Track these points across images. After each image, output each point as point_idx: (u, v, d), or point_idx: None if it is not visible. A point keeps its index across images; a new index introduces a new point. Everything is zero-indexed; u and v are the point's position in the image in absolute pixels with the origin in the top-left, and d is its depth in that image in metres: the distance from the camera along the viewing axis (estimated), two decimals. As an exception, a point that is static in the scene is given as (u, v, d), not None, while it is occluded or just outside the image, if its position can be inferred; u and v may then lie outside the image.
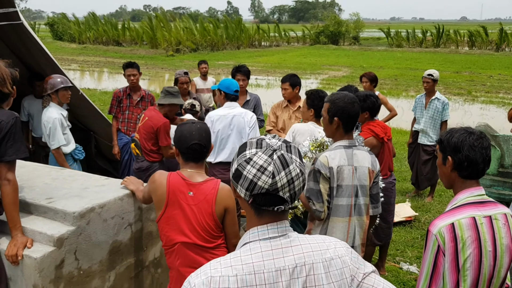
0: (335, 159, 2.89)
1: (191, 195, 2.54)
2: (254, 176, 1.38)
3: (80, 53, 33.39)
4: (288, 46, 41.25)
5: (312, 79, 22.16)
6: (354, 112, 2.95)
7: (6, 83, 2.82)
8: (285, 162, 1.41)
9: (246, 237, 1.46)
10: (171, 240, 2.58)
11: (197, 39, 35.32)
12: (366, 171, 2.96)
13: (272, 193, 1.39)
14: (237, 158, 1.45)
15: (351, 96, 2.97)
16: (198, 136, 2.60)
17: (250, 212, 1.46)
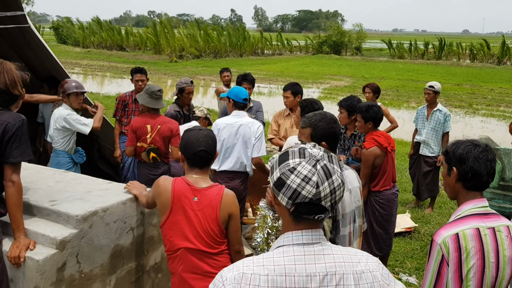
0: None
1: (196, 200, 2.56)
2: (298, 186, 1.42)
3: (84, 57, 33.52)
4: (291, 55, 41.40)
5: (314, 88, 22.22)
6: (338, 130, 2.69)
7: (17, 85, 2.86)
8: (328, 172, 1.45)
9: (281, 241, 1.49)
10: (175, 245, 2.60)
11: (200, 46, 35.45)
12: (358, 191, 2.74)
13: (314, 202, 1.43)
14: (279, 167, 1.47)
15: (329, 114, 2.71)
16: (204, 143, 2.63)
17: (287, 218, 1.50)
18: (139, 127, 4.81)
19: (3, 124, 2.77)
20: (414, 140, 6.95)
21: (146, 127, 4.79)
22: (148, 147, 4.83)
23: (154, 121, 4.77)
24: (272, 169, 1.52)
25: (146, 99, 4.84)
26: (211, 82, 23.58)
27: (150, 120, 4.79)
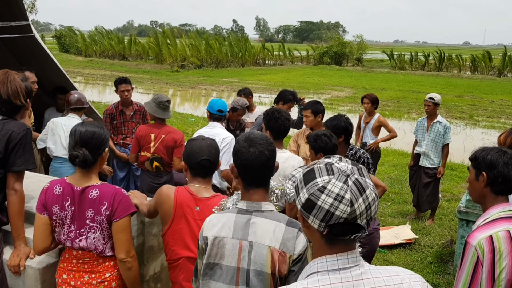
0: (215, 225, 2.04)
1: (198, 210, 2.57)
2: (331, 206, 1.31)
3: (86, 66, 33.68)
4: (292, 66, 41.55)
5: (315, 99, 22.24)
6: (250, 159, 2.03)
7: (19, 96, 2.89)
8: (361, 187, 1.33)
9: (314, 266, 1.38)
10: (176, 255, 2.60)
11: (202, 55, 35.61)
12: (265, 251, 1.93)
13: (350, 221, 1.32)
14: (307, 187, 1.36)
15: (252, 137, 2.10)
16: (207, 152, 2.63)
17: (319, 241, 1.39)
18: (143, 135, 4.88)
19: (7, 133, 2.81)
20: (414, 151, 6.96)
21: (150, 136, 4.85)
22: (152, 156, 4.87)
23: (159, 131, 4.85)
24: (297, 189, 1.41)
25: (153, 108, 4.90)
26: (212, 91, 23.66)
27: (155, 130, 4.87)
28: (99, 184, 2.58)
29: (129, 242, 2.58)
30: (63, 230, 2.57)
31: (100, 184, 2.58)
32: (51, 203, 2.55)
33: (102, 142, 2.59)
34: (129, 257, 2.57)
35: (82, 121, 5.23)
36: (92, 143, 2.54)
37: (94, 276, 2.60)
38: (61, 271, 2.63)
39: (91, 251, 2.59)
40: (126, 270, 2.58)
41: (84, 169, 2.56)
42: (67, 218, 2.55)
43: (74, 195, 2.54)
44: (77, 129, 2.57)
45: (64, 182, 2.59)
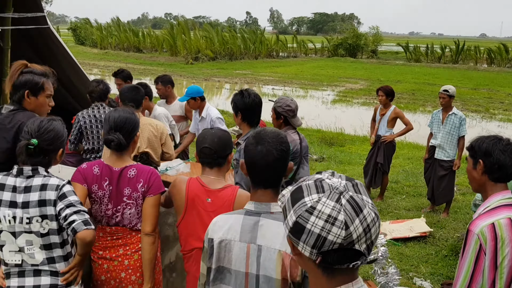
0: (222, 227, 1.91)
1: (209, 201, 2.58)
2: (322, 230, 1.14)
3: (102, 58, 33.89)
4: (306, 58, 41.34)
5: (329, 91, 22.16)
6: (257, 158, 1.89)
7: (8, 85, 3.00)
8: (357, 206, 1.16)
9: None
10: (189, 245, 2.63)
11: (216, 48, 35.59)
12: (275, 256, 1.80)
13: (346, 247, 1.14)
14: (294, 208, 1.19)
15: (262, 134, 1.93)
16: (209, 140, 2.62)
17: (315, 272, 1.21)
18: None
19: (17, 123, 2.87)
20: (429, 144, 6.90)
21: None
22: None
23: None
24: (285, 211, 1.24)
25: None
26: (225, 83, 23.67)
27: None
28: (135, 164, 2.77)
29: (156, 218, 2.73)
30: (101, 208, 2.74)
31: (136, 164, 2.77)
32: (91, 181, 2.71)
33: (135, 126, 2.78)
34: (154, 232, 2.71)
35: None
36: (125, 128, 2.73)
37: (128, 248, 2.77)
38: (96, 249, 2.76)
39: (125, 225, 2.76)
40: (150, 244, 2.69)
41: (119, 152, 2.74)
42: (104, 197, 2.73)
43: (113, 175, 2.71)
44: (111, 115, 2.75)
45: (102, 163, 2.75)
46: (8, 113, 2.96)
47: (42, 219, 2.37)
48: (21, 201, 2.36)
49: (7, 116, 2.94)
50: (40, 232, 2.38)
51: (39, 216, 2.36)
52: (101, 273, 2.75)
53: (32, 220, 2.36)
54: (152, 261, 2.71)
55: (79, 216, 2.34)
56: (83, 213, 2.37)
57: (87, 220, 2.36)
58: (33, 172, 2.41)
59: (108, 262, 2.75)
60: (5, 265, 2.45)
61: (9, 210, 2.36)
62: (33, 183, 2.39)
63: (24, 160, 2.42)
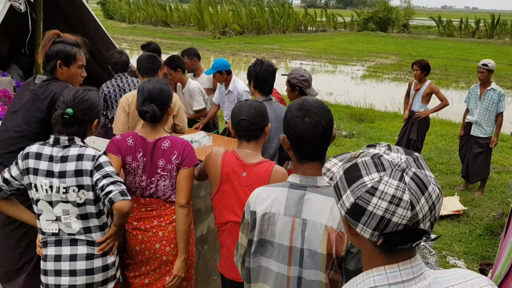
0: (265, 200, 1.85)
1: (244, 175, 2.53)
2: (385, 212, 1.06)
3: (130, 33, 33.96)
4: (335, 32, 40.57)
5: (359, 66, 21.76)
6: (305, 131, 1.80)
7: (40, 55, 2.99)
8: (422, 183, 1.08)
9: (369, 280, 1.14)
10: (224, 219, 2.61)
11: (243, 22, 35.22)
12: (321, 231, 1.75)
13: (411, 228, 1.08)
14: (351, 189, 1.12)
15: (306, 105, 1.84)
16: (246, 112, 2.57)
17: (372, 251, 1.15)
18: None
19: (50, 94, 2.88)
20: (465, 120, 6.69)
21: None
22: None
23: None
24: (337, 190, 1.17)
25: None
26: (253, 58, 23.44)
27: None
28: (169, 135, 2.74)
29: (190, 190, 2.71)
30: (135, 179, 2.73)
31: (170, 136, 2.74)
32: (125, 153, 2.70)
33: (168, 98, 2.74)
34: (188, 204, 2.69)
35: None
36: (159, 99, 2.69)
37: (162, 219, 2.76)
38: (130, 220, 2.76)
39: (159, 197, 2.75)
40: (184, 216, 2.68)
41: (153, 123, 2.71)
42: (139, 169, 2.71)
43: (147, 147, 2.69)
44: (145, 86, 2.70)
45: (136, 135, 2.73)
46: (42, 83, 2.96)
47: (79, 189, 2.37)
48: (57, 170, 2.37)
49: (40, 86, 2.94)
50: (76, 202, 2.39)
51: (75, 186, 2.37)
52: (136, 244, 2.75)
53: (68, 189, 2.37)
54: (186, 232, 2.69)
55: (116, 187, 2.33)
56: (119, 183, 2.36)
57: (124, 191, 2.35)
58: (69, 142, 2.41)
59: (143, 233, 2.75)
60: (42, 234, 2.47)
61: (46, 180, 2.37)
62: (70, 153, 2.38)
63: (60, 130, 2.41)
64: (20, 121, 2.92)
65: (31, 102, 2.92)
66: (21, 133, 2.91)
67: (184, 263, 2.72)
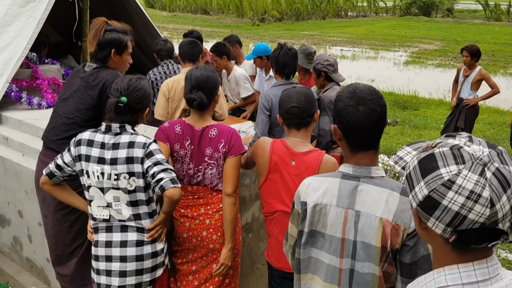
0: (316, 191, 1.80)
1: (293, 165, 2.50)
2: (461, 207, 1.00)
3: (170, 21, 34.23)
4: (376, 17, 39.62)
5: (401, 52, 21.21)
6: (360, 120, 1.71)
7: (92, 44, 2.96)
8: (505, 180, 1.00)
9: (441, 279, 1.07)
10: (272, 208, 2.58)
11: (282, 8, 34.90)
12: (376, 224, 1.70)
13: (488, 226, 1.01)
14: (425, 180, 1.05)
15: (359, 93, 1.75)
16: (296, 99, 2.53)
17: (444, 247, 1.09)
18: None
19: (101, 81, 2.91)
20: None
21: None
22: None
23: None
24: (410, 180, 1.11)
25: (302, 59, 4.73)
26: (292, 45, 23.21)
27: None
28: (216, 124, 2.72)
29: (237, 179, 2.70)
30: (182, 167, 2.73)
31: (217, 124, 2.72)
32: (173, 140, 2.70)
33: (216, 85, 2.72)
34: (235, 193, 2.68)
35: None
36: (207, 87, 2.66)
37: (209, 207, 2.76)
38: (178, 207, 2.77)
39: (206, 185, 2.74)
40: (231, 205, 2.66)
41: (200, 111, 2.69)
42: (186, 156, 2.71)
43: (194, 135, 2.68)
44: (193, 74, 2.69)
45: (183, 123, 2.73)
46: (92, 70, 2.99)
47: (130, 176, 2.39)
48: (109, 157, 2.39)
49: (91, 74, 2.97)
50: (127, 189, 2.41)
51: (126, 173, 2.39)
52: (183, 231, 2.77)
53: (119, 176, 2.39)
54: (233, 221, 2.68)
55: (166, 174, 2.34)
56: (170, 171, 2.37)
57: (174, 179, 2.36)
58: (120, 130, 2.43)
59: (190, 221, 2.75)
60: (93, 220, 2.51)
61: (98, 166, 2.40)
62: (121, 140, 2.41)
63: (113, 118, 2.44)
64: (72, 108, 2.97)
65: (82, 90, 2.96)
66: (72, 120, 2.96)
67: (231, 252, 2.71)
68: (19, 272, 3.76)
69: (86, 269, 3.01)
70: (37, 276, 3.69)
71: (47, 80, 4.56)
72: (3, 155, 3.71)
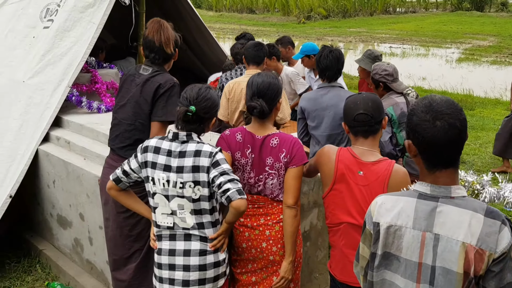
0: (390, 211, 1.70)
1: (361, 174, 2.41)
2: None
3: (217, 21, 34.54)
4: (426, 13, 38.47)
5: (453, 49, 20.53)
6: (438, 136, 1.59)
7: (169, 44, 2.94)
8: None
9: None
10: (337, 219, 2.50)
11: (329, 5, 34.49)
12: (457, 248, 1.56)
13: None
14: None
15: (435, 106, 1.62)
16: (363, 105, 2.44)
17: None
18: None
19: (155, 84, 2.92)
20: None
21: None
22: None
23: None
24: None
25: (369, 64, 4.68)
26: (339, 43, 22.93)
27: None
28: (277, 132, 2.65)
29: (299, 190, 2.61)
30: (243, 176, 2.69)
31: (279, 133, 2.65)
32: (234, 149, 2.66)
33: (277, 92, 2.65)
34: (296, 204, 2.59)
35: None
36: (268, 94, 2.60)
37: (269, 218, 2.69)
38: None
39: (267, 195, 2.68)
40: (292, 217, 2.59)
41: (261, 119, 2.63)
42: (247, 165, 2.66)
43: (255, 143, 2.63)
44: (254, 80, 2.63)
45: (244, 131, 2.68)
46: (148, 76, 2.97)
47: (195, 185, 2.38)
48: (175, 165, 2.39)
49: (147, 79, 2.96)
50: (191, 197, 2.40)
51: (191, 181, 2.37)
52: (242, 241, 2.72)
53: (185, 185, 2.38)
54: (294, 234, 2.61)
55: (233, 185, 2.31)
56: (236, 181, 2.34)
57: (241, 189, 2.33)
58: (187, 138, 2.42)
59: (249, 230, 2.70)
60: (157, 227, 2.51)
61: (164, 174, 2.40)
62: (187, 149, 2.40)
63: (181, 126, 2.43)
64: (131, 114, 2.98)
65: (138, 95, 2.96)
66: (133, 126, 2.98)
67: (291, 265, 2.64)
68: (80, 274, 3.84)
69: (144, 275, 3.03)
70: (97, 278, 3.76)
71: (106, 84, 4.65)
72: (65, 159, 3.80)
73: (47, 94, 4.22)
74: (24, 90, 4.27)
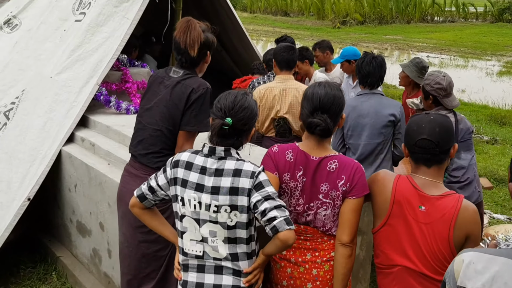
0: (481, 274, 1.39)
1: (423, 210, 2.04)
2: None
3: (251, 22, 34.32)
4: (465, 23, 37.44)
5: (494, 61, 19.75)
6: None
7: (194, 47, 2.61)
8: None
9: None
10: (390, 260, 2.14)
11: (365, 11, 33.90)
12: None
13: None
14: None
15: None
16: (428, 130, 2.05)
17: None
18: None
19: (188, 89, 2.61)
20: None
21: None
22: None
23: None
24: None
25: (414, 73, 4.43)
26: (374, 49, 22.38)
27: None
28: (337, 155, 2.26)
29: (356, 226, 2.22)
30: (290, 201, 2.30)
31: (338, 155, 2.26)
32: (282, 169, 2.27)
33: (342, 106, 2.25)
34: (352, 242, 2.20)
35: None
36: (333, 109, 2.21)
37: (318, 254, 2.30)
38: None
39: (317, 227, 2.29)
40: (346, 257, 2.20)
41: (322, 138, 2.24)
42: (296, 190, 2.27)
43: (309, 165, 2.24)
44: (315, 92, 2.23)
45: (297, 149, 2.29)
46: (179, 78, 2.70)
47: (231, 210, 2.04)
48: (210, 185, 2.05)
49: (178, 82, 2.69)
50: (226, 224, 2.06)
51: (228, 205, 2.04)
52: (283, 277, 2.35)
53: (220, 209, 2.04)
54: (346, 277, 2.22)
55: (280, 213, 1.97)
56: (283, 209, 2.00)
57: (289, 218, 1.98)
58: (225, 154, 2.08)
59: (292, 266, 2.33)
60: (184, 255, 2.18)
61: (195, 194, 2.07)
62: (225, 166, 2.06)
63: (216, 141, 2.10)
64: (158, 118, 2.70)
65: (168, 98, 2.68)
66: (160, 132, 2.70)
67: None
68: (96, 287, 3.59)
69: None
70: (114, 293, 3.51)
71: (137, 84, 4.39)
72: (89, 163, 3.55)
73: (75, 92, 3.99)
74: (51, 87, 4.05)
